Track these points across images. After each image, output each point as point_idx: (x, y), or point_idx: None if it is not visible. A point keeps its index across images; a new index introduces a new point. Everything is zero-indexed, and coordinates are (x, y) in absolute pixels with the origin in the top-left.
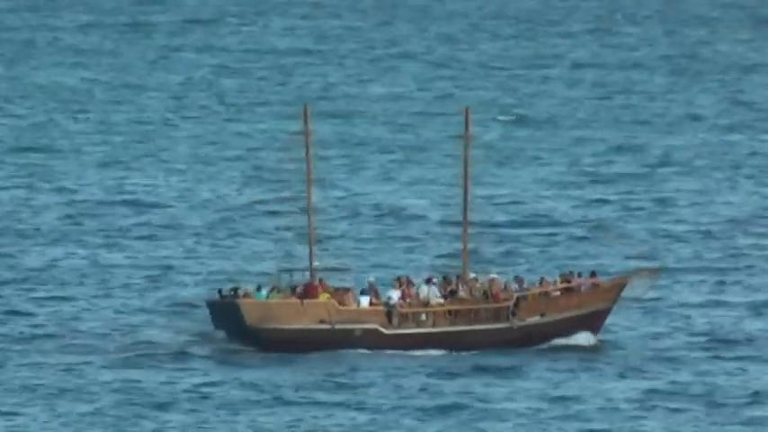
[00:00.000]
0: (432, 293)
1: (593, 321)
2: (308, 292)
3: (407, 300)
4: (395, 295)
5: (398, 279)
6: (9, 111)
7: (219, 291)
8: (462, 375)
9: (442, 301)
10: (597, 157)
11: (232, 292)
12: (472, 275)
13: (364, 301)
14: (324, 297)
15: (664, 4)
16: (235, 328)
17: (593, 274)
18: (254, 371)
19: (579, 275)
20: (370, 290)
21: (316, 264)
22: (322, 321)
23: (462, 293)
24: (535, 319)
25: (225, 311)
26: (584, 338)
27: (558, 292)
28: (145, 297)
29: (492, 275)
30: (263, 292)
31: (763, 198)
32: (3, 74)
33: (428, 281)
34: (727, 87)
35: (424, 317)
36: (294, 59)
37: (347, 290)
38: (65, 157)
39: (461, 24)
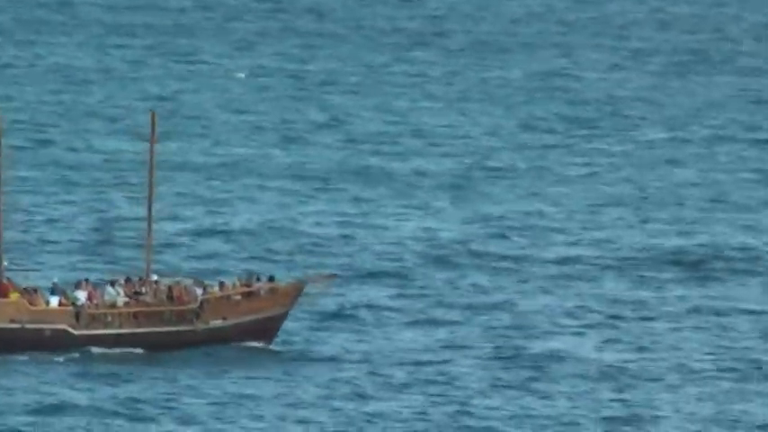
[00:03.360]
0: (117, 295)
1: (271, 325)
2: None
3: (94, 301)
4: (81, 296)
5: (79, 282)
6: None
7: None
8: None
9: (127, 301)
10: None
11: None
12: (154, 278)
13: (54, 301)
14: (14, 296)
15: None
16: None
17: (271, 278)
18: None
19: (258, 279)
20: (58, 290)
21: (4, 263)
22: (12, 320)
23: (147, 296)
24: (218, 323)
25: None
26: (259, 342)
27: (239, 296)
28: None
29: (176, 279)
30: None
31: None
32: None
33: (112, 283)
34: None
35: (110, 318)
36: None
37: (36, 290)
38: None
39: None
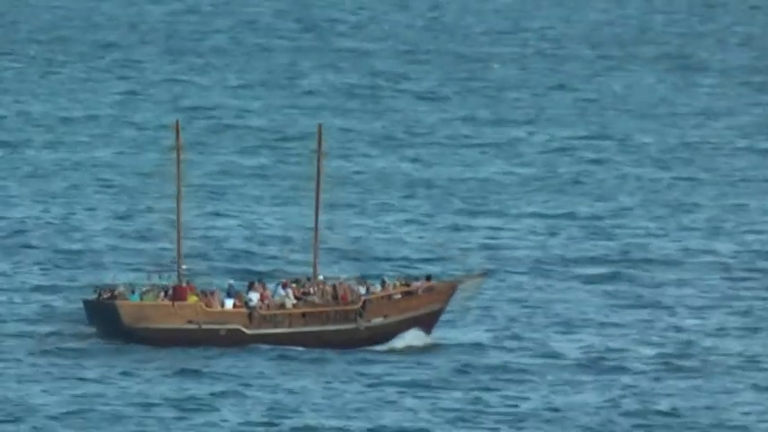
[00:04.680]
0: (287, 296)
1: (428, 321)
2: (178, 294)
3: (265, 302)
4: (254, 297)
5: (252, 283)
6: None
7: (96, 290)
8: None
9: (295, 302)
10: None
11: (108, 294)
12: (321, 278)
13: (229, 303)
14: (192, 299)
15: None
16: (111, 326)
17: (428, 277)
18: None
19: (416, 279)
20: (233, 292)
21: (183, 267)
22: (190, 322)
23: (314, 297)
24: (379, 320)
25: (102, 311)
26: (418, 338)
27: (399, 295)
28: (24, 301)
29: (340, 279)
30: (137, 294)
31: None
32: None
33: (284, 285)
34: None
35: (280, 318)
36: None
37: (213, 292)
38: None
39: None
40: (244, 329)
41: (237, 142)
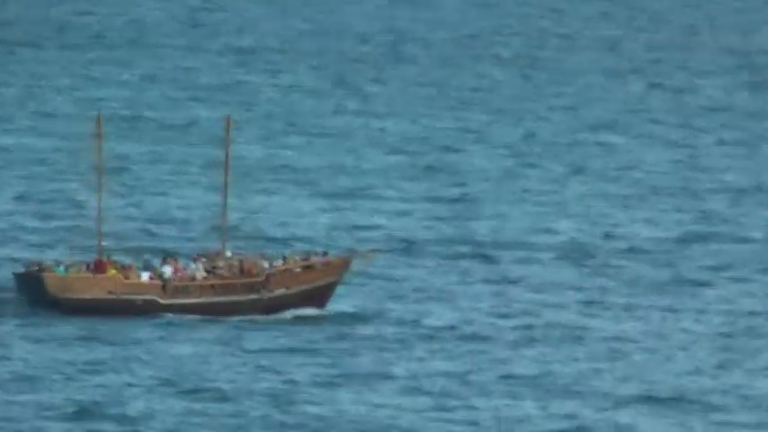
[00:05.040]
0: (197, 270)
1: (325, 292)
2: (99, 267)
3: (178, 274)
4: (168, 270)
5: (165, 257)
6: None
7: (26, 265)
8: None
9: (205, 275)
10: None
11: (36, 267)
12: (228, 254)
13: (145, 275)
14: (111, 272)
15: None
16: (38, 297)
17: (325, 253)
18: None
19: (315, 254)
20: (149, 266)
21: (104, 244)
22: (110, 292)
23: (223, 270)
24: (281, 291)
25: (30, 283)
26: (313, 310)
27: (299, 269)
28: None
29: (245, 254)
30: (62, 267)
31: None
32: None
33: (195, 259)
34: None
35: (191, 289)
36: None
37: (131, 266)
38: None
39: None
40: (159, 299)
41: (134, 132)
